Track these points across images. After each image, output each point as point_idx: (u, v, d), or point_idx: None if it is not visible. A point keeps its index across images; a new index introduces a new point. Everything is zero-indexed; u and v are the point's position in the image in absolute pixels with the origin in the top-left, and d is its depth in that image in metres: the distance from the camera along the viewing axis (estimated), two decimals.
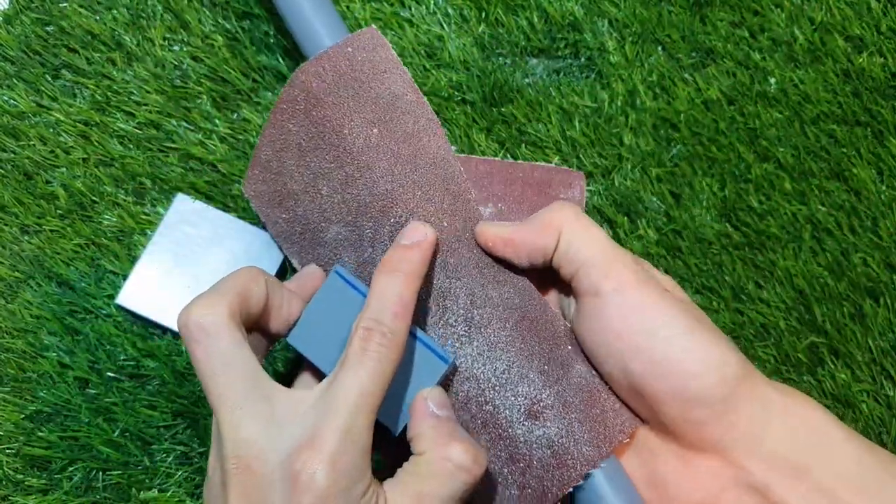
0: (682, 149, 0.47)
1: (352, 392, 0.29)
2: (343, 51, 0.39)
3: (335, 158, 0.39)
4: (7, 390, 0.42)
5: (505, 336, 0.35)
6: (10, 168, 0.46)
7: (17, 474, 0.40)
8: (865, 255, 0.44)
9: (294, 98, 0.40)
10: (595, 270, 0.33)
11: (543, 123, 0.47)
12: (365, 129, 0.38)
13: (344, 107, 0.39)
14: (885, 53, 0.48)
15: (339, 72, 0.39)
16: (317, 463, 0.28)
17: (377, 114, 0.39)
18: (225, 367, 0.30)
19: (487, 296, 0.36)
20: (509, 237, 0.36)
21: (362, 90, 0.39)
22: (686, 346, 0.31)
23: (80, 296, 0.43)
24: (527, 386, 0.34)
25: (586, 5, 0.49)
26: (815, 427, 0.32)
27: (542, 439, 0.33)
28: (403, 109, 0.39)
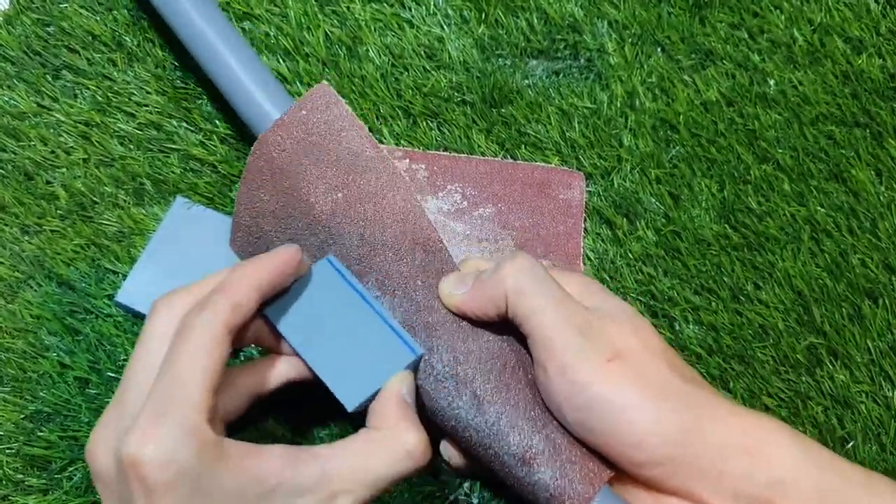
0: (682, 150, 0.47)
1: (169, 375, 0.30)
2: (297, 115, 0.39)
3: (307, 227, 0.39)
4: (7, 390, 0.42)
5: (491, 389, 0.35)
6: (11, 168, 0.46)
7: (17, 474, 0.40)
8: (864, 257, 0.44)
9: (259, 168, 0.40)
10: (538, 346, 0.34)
11: (543, 124, 0.47)
12: (330, 195, 0.39)
13: (307, 175, 0.39)
14: (885, 55, 0.48)
15: (296, 139, 0.39)
16: (134, 444, 0.28)
17: (340, 177, 0.39)
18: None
19: (468, 350, 0.36)
20: (459, 307, 0.37)
21: (322, 154, 0.39)
22: (625, 419, 0.32)
23: (81, 296, 0.43)
24: (517, 435, 0.35)
25: (586, 7, 0.49)
26: (774, 457, 0.32)
27: (540, 483, 0.34)
28: (364, 167, 0.39)
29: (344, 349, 0.35)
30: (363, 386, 0.35)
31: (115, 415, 0.31)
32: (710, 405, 0.33)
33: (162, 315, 0.33)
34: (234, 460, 0.29)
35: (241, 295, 0.32)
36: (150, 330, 0.32)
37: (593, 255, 0.45)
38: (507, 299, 0.35)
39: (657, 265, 0.45)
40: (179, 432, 0.28)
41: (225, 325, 0.31)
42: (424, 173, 0.45)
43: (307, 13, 0.49)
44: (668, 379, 0.34)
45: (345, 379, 0.35)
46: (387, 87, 0.48)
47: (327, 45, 0.48)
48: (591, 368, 0.33)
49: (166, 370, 0.30)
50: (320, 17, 0.49)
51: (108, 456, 0.30)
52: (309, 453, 0.31)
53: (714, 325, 0.43)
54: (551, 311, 0.34)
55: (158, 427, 0.28)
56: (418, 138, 0.47)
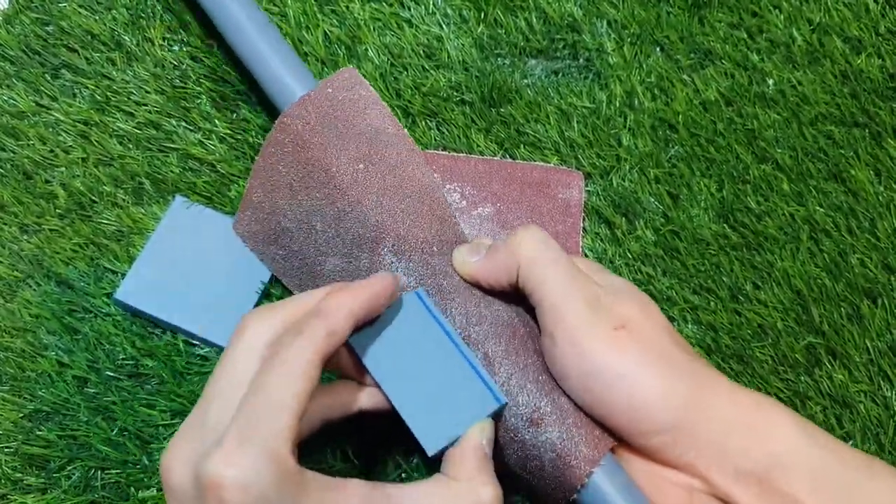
0: (681, 149, 0.47)
1: (258, 397, 0.29)
2: (324, 93, 0.41)
3: (326, 196, 0.40)
4: (6, 389, 0.42)
5: (501, 351, 0.36)
6: (10, 167, 0.46)
7: (15, 473, 0.40)
8: (863, 256, 0.44)
9: (281, 142, 0.41)
10: (547, 315, 0.35)
11: (542, 124, 0.47)
12: (352, 165, 0.40)
13: (330, 147, 0.40)
14: (884, 55, 0.48)
15: (322, 113, 0.41)
16: (220, 466, 0.28)
17: (362, 150, 0.41)
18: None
19: (481, 314, 0.37)
20: (473, 275, 0.38)
21: (346, 128, 0.41)
22: (630, 386, 0.33)
23: (80, 295, 0.43)
24: (526, 396, 0.35)
25: (585, 6, 0.49)
26: (775, 434, 0.33)
27: (547, 444, 0.35)
28: (386, 143, 0.41)
29: (427, 389, 0.35)
30: (445, 430, 0.34)
31: (198, 430, 0.30)
32: (712, 380, 0.34)
33: (253, 331, 0.32)
34: (314, 493, 0.29)
35: (338, 323, 0.31)
36: (239, 345, 0.32)
37: (592, 254, 0.45)
38: (520, 268, 0.36)
39: (656, 265, 0.45)
40: (264, 459, 0.28)
41: (319, 352, 0.30)
42: None
43: (306, 12, 0.49)
44: (672, 352, 0.34)
45: (427, 421, 0.34)
46: (386, 86, 0.48)
47: (326, 45, 0.48)
48: (600, 336, 0.34)
49: (257, 390, 0.29)
50: (319, 17, 0.49)
51: (185, 472, 0.29)
52: (383, 493, 0.30)
53: (713, 324, 0.43)
54: (562, 280, 0.35)
55: (244, 451, 0.28)
56: (417, 138, 0.47)
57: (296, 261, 0.42)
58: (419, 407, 0.34)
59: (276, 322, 0.32)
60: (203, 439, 0.29)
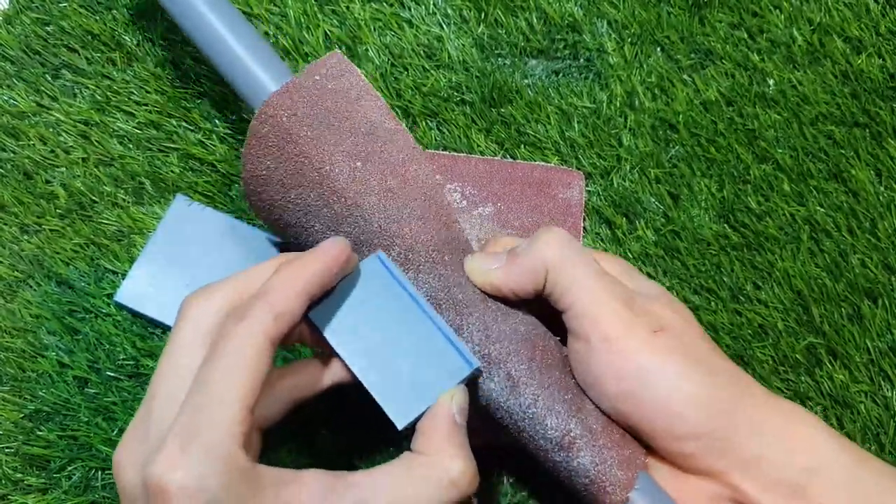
0: (681, 150, 0.47)
1: (202, 393, 0.27)
2: (311, 80, 0.37)
3: (320, 197, 0.36)
4: (6, 389, 0.42)
5: (524, 370, 0.34)
6: (10, 168, 0.46)
7: (16, 473, 0.40)
8: (864, 257, 0.44)
9: (263, 134, 0.36)
10: (582, 317, 0.33)
11: (542, 124, 0.47)
12: (348, 163, 0.36)
13: (322, 142, 0.36)
14: (884, 55, 0.48)
15: (310, 103, 0.36)
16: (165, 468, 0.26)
17: (358, 146, 0.36)
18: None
19: (500, 330, 0.34)
20: (495, 284, 0.35)
21: (338, 121, 0.36)
22: (671, 389, 0.32)
23: (80, 295, 0.43)
24: (554, 419, 0.33)
25: (585, 6, 0.49)
26: (810, 446, 0.32)
27: (580, 469, 0.33)
28: (384, 139, 0.37)
29: (394, 359, 0.33)
30: (414, 401, 0.32)
31: (143, 429, 0.29)
32: (750, 388, 0.33)
33: (195, 316, 0.30)
34: (269, 489, 0.27)
35: (286, 303, 0.29)
36: (181, 332, 0.30)
37: None
38: (547, 272, 0.34)
39: (656, 265, 0.45)
40: (211, 459, 0.26)
41: (267, 336, 0.28)
42: None
43: (306, 13, 0.49)
44: (711, 357, 0.34)
45: (395, 393, 0.32)
46: (386, 86, 0.48)
47: (327, 45, 0.48)
48: (639, 338, 0.33)
49: (200, 385, 0.27)
50: (320, 17, 0.49)
51: (134, 474, 0.28)
52: (345, 482, 0.29)
53: (713, 324, 0.43)
54: (594, 282, 0.34)
55: (188, 452, 0.26)
56: (418, 138, 0.47)
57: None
58: (386, 379, 0.32)
59: (219, 304, 0.30)
60: (149, 438, 0.28)
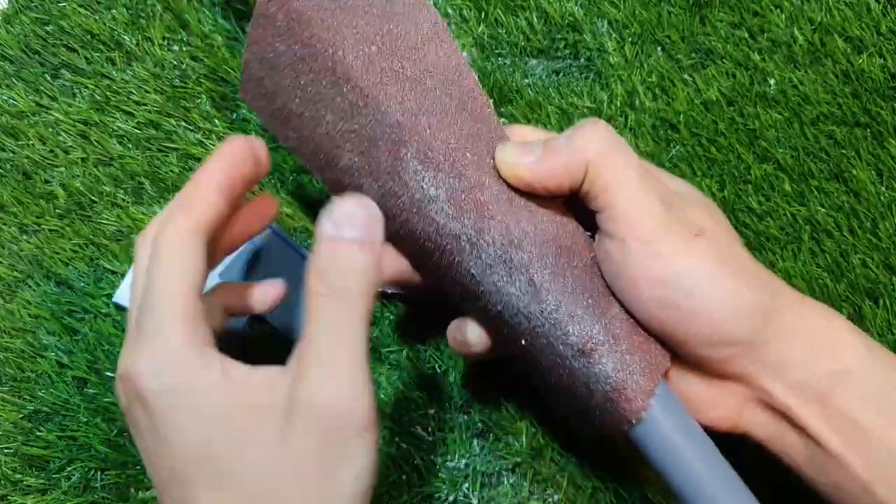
0: (682, 150, 0.47)
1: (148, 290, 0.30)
2: None
3: (333, 84, 0.34)
4: (6, 390, 0.42)
5: (548, 275, 0.32)
6: (10, 167, 0.46)
7: (15, 474, 0.40)
8: (865, 257, 0.44)
9: (272, 16, 0.34)
10: (619, 218, 0.32)
11: (543, 124, 0.47)
12: (362, 47, 0.33)
13: (332, 22, 0.33)
14: (885, 54, 0.48)
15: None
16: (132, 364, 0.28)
17: (372, 26, 0.34)
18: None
19: (524, 231, 0.32)
20: (526, 179, 0.33)
21: (347, 1, 0.34)
22: (712, 295, 0.31)
23: (79, 295, 0.43)
24: (577, 325, 0.32)
25: (586, 6, 0.49)
26: (839, 349, 0.32)
27: (601, 375, 0.32)
28: (402, 15, 0.34)
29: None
30: (299, 313, 0.32)
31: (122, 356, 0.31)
32: (784, 291, 0.33)
33: (139, 248, 0.32)
34: (231, 375, 0.29)
35: (198, 198, 0.31)
36: (134, 267, 0.32)
37: None
38: (588, 168, 0.32)
39: None
40: (167, 347, 0.28)
41: (189, 231, 0.30)
42: None
43: None
44: (747, 262, 0.33)
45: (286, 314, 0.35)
46: None
47: None
48: (678, 241, 0.31)
49: (146, 295, 0.29)
50: None
51: (117, 389, 0.30)
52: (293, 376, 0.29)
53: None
54: (636, 181, 0.32)
55: (147, 345, 0.28)
56: None
57: (309, 147, 0.36)
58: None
59: (154, 228, 0.32)
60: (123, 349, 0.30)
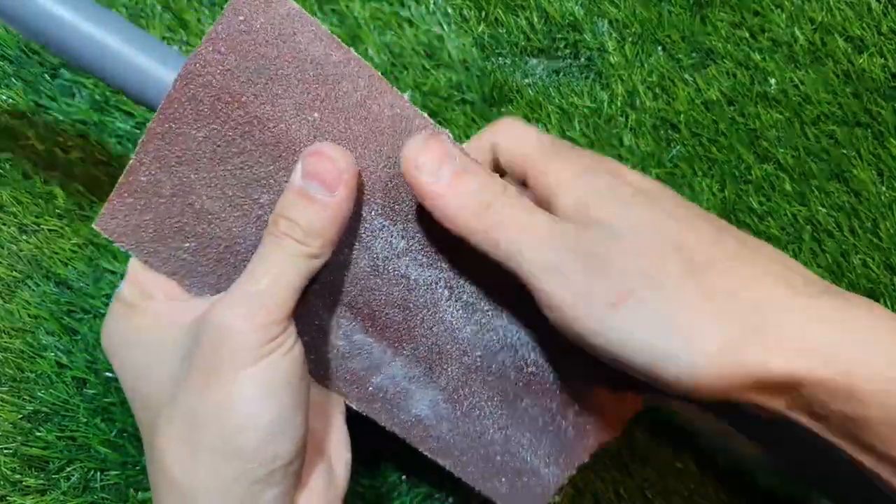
0: (682, 149, 0.46)
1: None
2: (235, 23, 0.31)
3: (274, 160, 0.32)
4: (5, 390, 0.42)
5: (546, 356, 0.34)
6: (9, 167, 0.46)
7: (14, 474, 0.40)
8: (865, 257, 0.44)
9: (193, 98, 0.31)
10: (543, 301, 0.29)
11: (543, 124, 0.47)
12: (303, 115, 0.32)
13: (267, 96, 0.31)
14: (886, 54, 0.48)
15: (242, 52, 0.31)
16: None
17: (310, 92, 0.32)
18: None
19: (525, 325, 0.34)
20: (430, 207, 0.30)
21: (280, 67, 0.31)
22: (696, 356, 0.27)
23: (79, 295, 0.43)
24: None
25: (586, 5, 0.49)
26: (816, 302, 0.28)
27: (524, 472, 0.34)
28: (337, 75, 0.32)
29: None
30: None
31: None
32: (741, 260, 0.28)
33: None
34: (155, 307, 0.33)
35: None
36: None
37: None
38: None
39: None
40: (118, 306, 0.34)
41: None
42: None
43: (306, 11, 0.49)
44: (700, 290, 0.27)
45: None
46: None
47: None
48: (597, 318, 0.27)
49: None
50: (319, 16, 0.49)
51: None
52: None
53: None
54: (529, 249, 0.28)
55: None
56: None
57: (216, 249, 0.33)
58: None
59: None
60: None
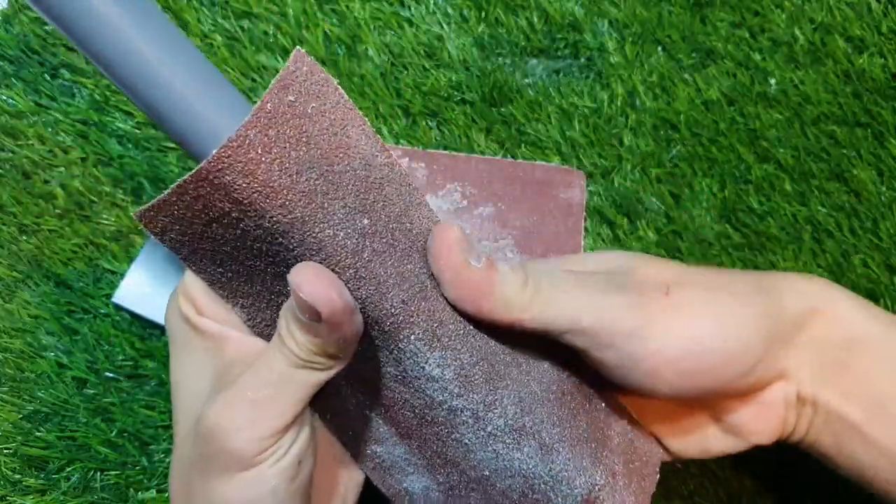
0: (682, 149, 0.46)
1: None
2: (284, 104, 0.25)
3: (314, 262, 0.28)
4: (5, 390, 0.42)
5: (557, 434, 0.30)
6: (9, 167, 0.46)
7: (14, 474, 0.40)
8: (865, 257, 0.44)
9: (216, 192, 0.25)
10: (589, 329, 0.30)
11: (543, 124, 0.47)
12: (353, 222, 0.26)
13: (314, 196, 0.25)
14: (886, 54, 0.48)
15: (293, 140, 0.25)
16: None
17: (360, 195, 0.26)
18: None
19: (532, 392, 0.30)
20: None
21: (331, 164, 0.26)
22: (728, 336, 0.30)
23: (79, 295, 0.43)
24: (583, 477, 0.30)
25: (586, 5, 0.49)
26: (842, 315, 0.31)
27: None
28: (382, 179, 0.27)
29: None
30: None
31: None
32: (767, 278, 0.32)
33: None
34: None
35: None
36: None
37: None
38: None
39: None
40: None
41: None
42: (424, 172, 0.45)
43: (306, 11, 0.49)
44: (718, 277, 0.31)
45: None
46: (386, 86, 0.47)
47: (326, 44, 0.48)
48: (660, 312, 0.29)
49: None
50: (319, 16, 0.49)
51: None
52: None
53: None
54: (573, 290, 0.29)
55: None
56: (418, 137, 0.47)
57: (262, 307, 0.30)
58: None
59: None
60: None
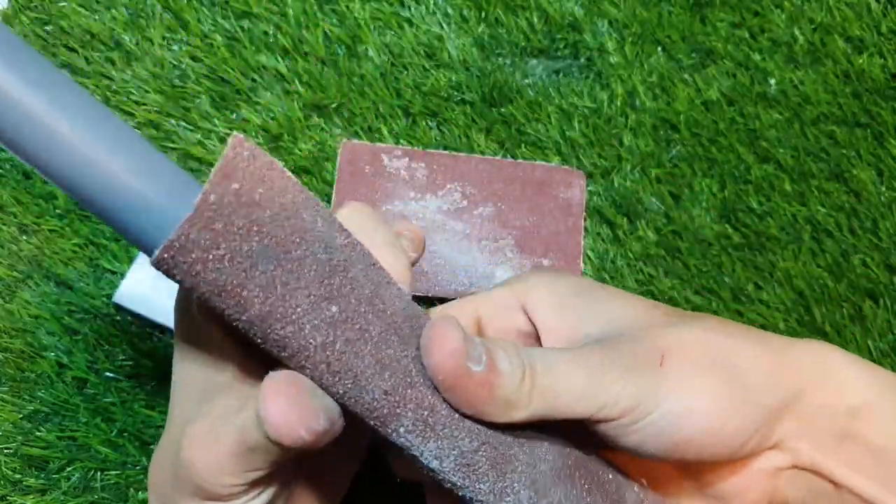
0: (682, 149, 0.46)
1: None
2: (228, 191, 0.22)
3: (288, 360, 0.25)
4: (5, 390, 0.42)
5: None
6: (9, 167, 0.46)
7: (15, 474, 0.40)
8: (865, 257, 0.44)
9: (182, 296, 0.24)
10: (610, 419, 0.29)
11: (543, 124, 0.47)
12: (320, 310, 0.24)
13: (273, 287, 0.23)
14: (885, 54, 0.48)
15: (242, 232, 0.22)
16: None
17: (323, 282, 0.24)
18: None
19: (543, 473, 0.28)
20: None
21: (286, 251, 0.23)
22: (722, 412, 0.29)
23: (79, 295, 0.43)
24: None
25: (586, 6, 0.49)
26: (844, 382, 0.30)
27: None
28: (346, 260, 0.25)
29: None
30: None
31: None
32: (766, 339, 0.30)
33: None
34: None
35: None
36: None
37: (593, 254, 0.45)
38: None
39: (658, 265, 0.44)
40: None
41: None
42: (424, 172, 0.45)
43: (306, 12, 0.49)
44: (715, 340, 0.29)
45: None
46: (386, 86, 0.47)
47: (326, 44, 0.48)
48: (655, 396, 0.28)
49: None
50: (319, 16, 0.49)
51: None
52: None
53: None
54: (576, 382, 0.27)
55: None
56: (418, 137, 0.47)
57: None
58: None
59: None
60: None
